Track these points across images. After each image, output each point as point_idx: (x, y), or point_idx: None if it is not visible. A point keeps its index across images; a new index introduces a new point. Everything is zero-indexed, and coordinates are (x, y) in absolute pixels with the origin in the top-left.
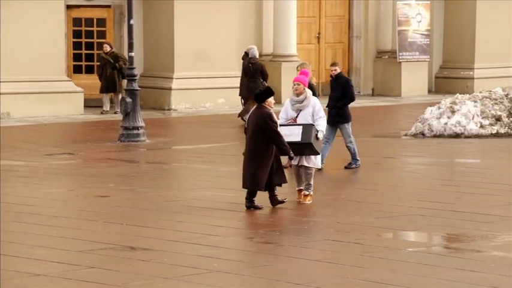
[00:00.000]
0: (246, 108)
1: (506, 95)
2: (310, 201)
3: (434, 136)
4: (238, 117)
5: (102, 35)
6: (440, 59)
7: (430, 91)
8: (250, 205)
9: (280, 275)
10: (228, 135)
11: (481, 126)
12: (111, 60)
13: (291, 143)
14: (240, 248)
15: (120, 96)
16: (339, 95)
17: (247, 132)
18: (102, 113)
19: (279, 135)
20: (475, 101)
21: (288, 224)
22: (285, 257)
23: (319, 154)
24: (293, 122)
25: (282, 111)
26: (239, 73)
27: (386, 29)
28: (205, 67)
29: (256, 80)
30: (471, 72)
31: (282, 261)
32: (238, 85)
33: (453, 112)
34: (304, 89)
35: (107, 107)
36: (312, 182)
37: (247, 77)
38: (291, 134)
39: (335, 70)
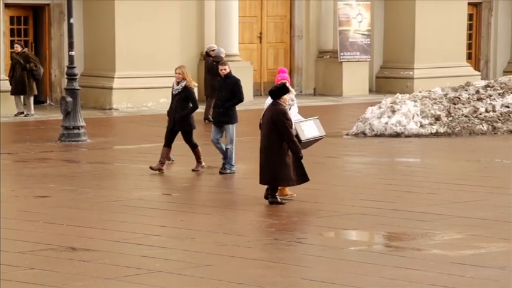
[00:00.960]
0: (208, 105)
1: (445, 95)
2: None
3: (375, 135)
4: (205, 120)
5: (40, 33)
6: (381, 59)
7: (370, 91)
8: (273, 201)
9: (223, 274)
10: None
11: (421, 126)
12: (21, 61)
13: (313, 139)
14: (182, 248)
15: (31, 99)
16: (228, 95)
17: (262, 129)
18: (16, 115)
19: (290, 134)
20: (415, 101)
21: (231, 224)
22: (227, 257)
23: None
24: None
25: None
26: None
27: (327, 29)
28: (147, 66)
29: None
30: (411, 72)
31: (225, 261)
32: (199, 86)
33: (394, 112)
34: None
35: (20, 108)
36: None
37: (211, 75)
38: (309, 129)
39: (224, 70)
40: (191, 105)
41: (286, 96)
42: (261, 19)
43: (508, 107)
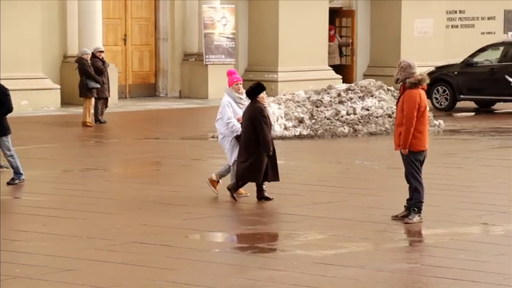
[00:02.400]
0: (96, 107)
1: (308, 98)
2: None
3: None
4: (96, 122)
5: None
6: (246, 62)
7: None
8: (232, 195)
9: (86, 279)
10: (31, 138)
11: (285, 128)
12: None
13: None
14: (44, 253)
15: None
16: None
17: (242, 127)
18: None
19: (264, 131)
20: (279, 104)
21: (93, 227)
22: (91, 261)
23: None
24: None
25: (228, 111)
26: (43, 74)
27: (192, 32)
28: (8, 68)
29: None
30: (275, 75)
31: (88, 265)
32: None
33: None
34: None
35: None
36: None
37: (102, 75)
38: None
39: None
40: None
41: (262, 95)
42: (126, 21)
43: (368, 109)
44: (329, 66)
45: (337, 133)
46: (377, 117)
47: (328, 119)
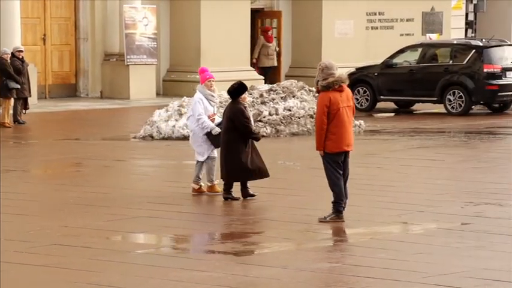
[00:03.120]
0: (15, 106)
1: None
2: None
3: (163, 138)
4: (15, 122)
5: None
6: (168, 63)
7: (158, 94)
8: (228, 196)
9: (6, 282)
10: None
11: None
12: None
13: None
14: None
15: None
16: None
17: (222, 126)
18: None
19: (250, 130)
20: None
21: (12, 230)
22: (11, 264)
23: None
24: (212, 116)
25: (199, 108)
26: None
27: (113, 32)
28: None
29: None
30: (197, 76)
31: (8, 268)
32: None
33: (181, 115)
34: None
35: None
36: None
37: (21, 75)
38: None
39: None
40: None
41: (244, 95)
42: (45, 20)
43: (290, 110)
44: (268, 67)
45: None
46: (299, 118)
47: None
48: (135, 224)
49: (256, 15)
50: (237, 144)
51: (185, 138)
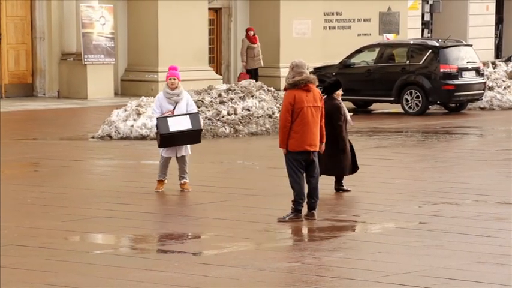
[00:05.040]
0: None
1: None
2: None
3: (121, 138)
4: None
5: None
6: (126, 62)
7: (116, 94)
8: (339, 188)
9: None
10: None
11: None
12: None
13: (181, 132)
14: None
15: None
16: None
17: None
18: None
19: (341, 128)
20: None
21: None
22: None
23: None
24: (171, 114)
25: (155, 105)
26: None
27: (70, 31)
28: None
29: None
30: (155, 76)
31: None
32: None
33: (139, 115)
34: (178, 83)
35: None
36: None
37: None
38: (179, 123)
39: None
40: None
41: (338, 92)
42: (0, 19)
43: (248, 110)
44: (255, 69)
45: (218, 133)
46: (258, 118)
47: (209, 119)
48: (93, 224)
49: (214, 13)
50: (331, 139)
51: (144, 138)
